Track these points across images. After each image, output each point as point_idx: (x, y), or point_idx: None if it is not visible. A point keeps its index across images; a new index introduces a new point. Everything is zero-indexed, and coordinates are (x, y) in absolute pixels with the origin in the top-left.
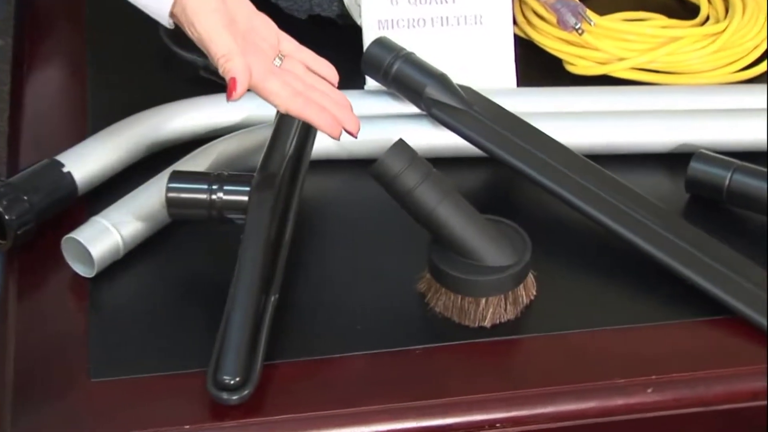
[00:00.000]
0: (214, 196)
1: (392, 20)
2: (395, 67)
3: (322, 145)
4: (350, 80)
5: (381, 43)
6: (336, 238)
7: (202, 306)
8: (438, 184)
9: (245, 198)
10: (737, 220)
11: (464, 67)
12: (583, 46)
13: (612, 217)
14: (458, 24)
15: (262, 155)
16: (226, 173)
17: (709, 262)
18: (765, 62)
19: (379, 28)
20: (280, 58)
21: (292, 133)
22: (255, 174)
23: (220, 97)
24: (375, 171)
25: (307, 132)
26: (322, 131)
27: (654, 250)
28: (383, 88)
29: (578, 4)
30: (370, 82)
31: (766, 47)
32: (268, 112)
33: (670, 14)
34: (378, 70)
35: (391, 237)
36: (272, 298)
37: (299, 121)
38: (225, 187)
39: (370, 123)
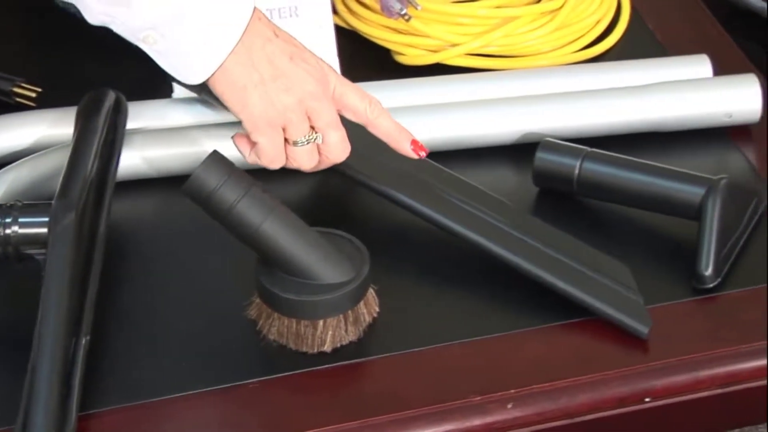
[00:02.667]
0: (8, 231)
1: None
2: None
3: (129, 164)
4: (155, 88)
5: None
6: (152, 266)
7: (3, 356)
8: (260, 198)
9: (44, 230)
10: (592, 212)
11: None
12: (411, 34)
13: (454, 219)
14: (272, 17)
15: (60, 180)
16: (20, 203)
17: (564, 261)
18: (608, 39)
19: None
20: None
21: (92, 153)
22: (53, 202)
23: (5, 119)
24: (188, 188)
25: (111, 150)
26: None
27: (502, 251)
28: (193, 95)
29: None
30: (179, 90)
31: (609, 21)
32: (64, 132)
33: None
34: None
35: (214, 260)
36: (83, 341)
37: (101, 138)
38: (20, 219)
39: (180, 135)
